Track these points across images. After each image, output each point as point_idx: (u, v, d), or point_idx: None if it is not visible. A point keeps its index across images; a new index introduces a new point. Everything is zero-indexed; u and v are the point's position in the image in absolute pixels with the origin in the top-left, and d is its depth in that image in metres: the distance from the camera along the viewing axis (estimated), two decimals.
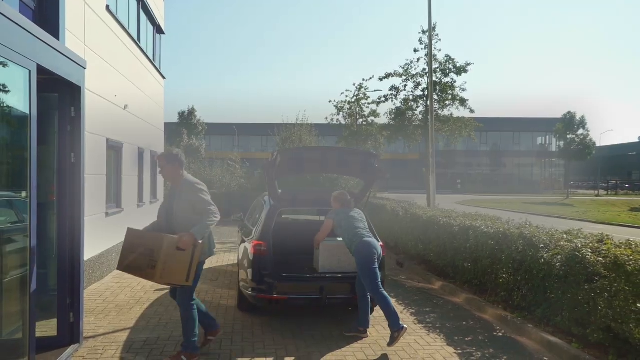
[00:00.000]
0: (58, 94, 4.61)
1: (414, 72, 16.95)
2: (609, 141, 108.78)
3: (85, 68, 4.82)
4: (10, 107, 3.75)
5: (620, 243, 4.85)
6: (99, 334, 5.20)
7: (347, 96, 23.21)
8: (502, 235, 6.36)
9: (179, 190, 4.45)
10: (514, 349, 5.04)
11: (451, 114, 16.93)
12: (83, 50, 6.83)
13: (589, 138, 41.29)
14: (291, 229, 7.43)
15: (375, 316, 5.79)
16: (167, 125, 29.10)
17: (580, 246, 4.94)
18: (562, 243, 5.26)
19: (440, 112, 16.79)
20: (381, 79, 17.54)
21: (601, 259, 4.60)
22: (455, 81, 16.45)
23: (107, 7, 8.09)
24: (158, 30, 12.83)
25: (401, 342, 5.11)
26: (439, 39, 16.30)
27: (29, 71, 3.60)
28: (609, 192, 51.61)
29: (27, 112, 3.66)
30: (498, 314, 6.00)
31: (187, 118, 43.39)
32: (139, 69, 10.51)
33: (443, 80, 16.45)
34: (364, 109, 23.26)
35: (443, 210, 9.54)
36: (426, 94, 16.30)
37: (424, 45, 16.27)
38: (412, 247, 9.45)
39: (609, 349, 4.52)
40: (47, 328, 4.73)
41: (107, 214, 8.11)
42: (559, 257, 5.12)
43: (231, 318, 5.89)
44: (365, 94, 22.69)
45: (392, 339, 4.91)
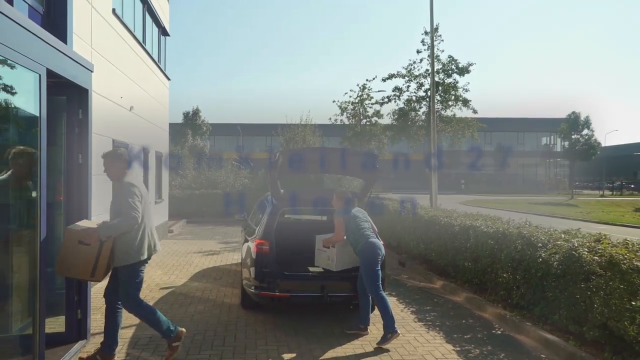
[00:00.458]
0: (66, 97, 4.74)
1: (416, 73, 17.07)
2: (614, 141, 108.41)
3: (92, 71, 4.95)
4: (22, 110, 3.88)
5: (618, 242, 4.94)
6: None
7: (350, 97, 23.35)
8: (502, 234, 6.44)
9: (116, 191, 4.34)
10: (511, 346, 5.12)
11: (454, 115, 17.01)
12: (90, 53, 6.98)
13: (593, 138, 41.17)
14: (293, 228, 7.53)
15: (376, 314, 5.88)
16: (171, 125, 29.22)
17: (577, 245, 5.02)
18: (560, 242, 5.34)
19: (443, 112, 16.88)
20: (384, 79, 17.66)
21: (597, 257, 4.69)
22: (457, 82, 16.57)
23: (114, 10, 8.23)
24: (163, 32, 12.98)
25: (401, 339, 5.22)
26: (442, 40, 16.39)
27: (39, 75, 3.73)
28: (614, 193, 51.36)
29: (37, 114, 3.78)
30: (497, 313, 6.08)
31: (191, 118, 43.68)
32: (144, 71, 10.66)
33: (446, 81, 16.55)
34: (368, 109, 23.39)
35: (444, 210, 9.62)
36: (429, 94, 16.38)
37: (427, 46, 16.37)
38: (414, 247, 9.55)
39: (604, 347, 4.60)
40: (55, 325, 4.86)
41: None
42: (557, 256, 5.20)
43: (234, 316, 6.00)
44: (368, 95, 22.81)
45: (384, 339, 5.04)
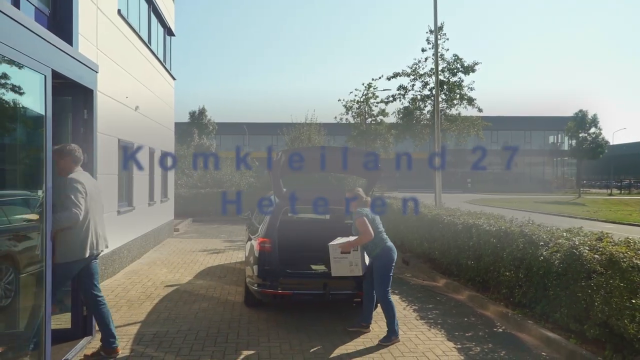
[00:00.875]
0: (71, 97, 4.83)
1: (421, 72, 17.05)
2: (622, 139, 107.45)
3: (97, 72, 5.03)
4: (28, 110, 3.96)
5: (619, 241, 4.94)
6: None
7: (355, 95, 23.37)
8: (504, 233, 6.46)
9: (63, 186, 4.26)
10: (512, 344, 5.15)
11: (459, 113, 16.98)
12: (95, 53, 7.06)
13: (601, 136, 40.84)
14: (296, 226, 7.59)
15: (379, 311, 5.91)
16: (178, 125, 29.39)
17: (577, 244, 5.03)
18: (561, 241, 5.35)
19: (448, 111, 16.87)
20: (389, 78, 17.66)
21: (597, 256, 4.69)
22: (463, 80, 16.54)
23: (119, 11, 8.32)
24: (168, 32, 13.07)
25: (402, 337, 5.26)
26: (447, 39, 16.35)
27: (45, 76, 3.80)
28: (622, 191, 50.96)
29: (43, 114, 3.86)
30: (499, 311, 6.10)
31: (197, 118, 43.90)
32: (149, 71, 10.75)
33: (451, 80, 16.52)
34: (373, 108, 23.39)
35: (447, 208, 9.63)
36: (434, 93, 16.37)
37: (432, 44, 16.31)
38: (418, 246, 9.57)
39: (605, 345, 4.61)
40: (61, 321, 4.96)
41: (118, 212, 8.34)
42: (558, 254, 5.21)
43: (238, 313, 6.07)
44: (374, 94, 22.81)
45: (387, 339, 5.10)
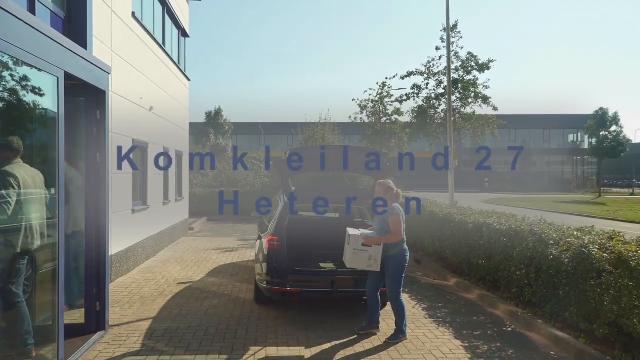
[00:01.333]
0: (84, 98, 4.96)
1: (436, 70, 16.95)
2: None
3: (109, 73, 5.16)
4: (41, 111, 4.09)
5: (631, 240, 4.87)
6: (124, 322, 5.55)
7: (370, 95, 23.37)
8: (514, 232, 6.41)
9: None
10: (521, 343, 5.12)
11: (474, 112, 16.83)
12: (110, 55, 7.22)
13: (622, 135, 40.00)
14: (304, 224, 7.64)
15: (387, 310, 5.94)
16: (194, 125, 29.71)
17: (587, 242, 4.98)
18: (571, 239, 5.29)
19: (462, 110, 16.73)
20: (403, 77, 17.60)
21: (606, 255, 4.64)
22: (477, 79, 16.39)
23: (133, 13, 8.48)
24: (183, 33, 13.25)
25: (410, 334, 5.28)
26: (461, 37, 16.21)
27: (57, 78, 3.92)
28: None
29: (56, 114, 3.98)
30: (509, 310, 6.06)
31: (213, 118, 44.28)
32: (164, 72, 10.92)
33: (465, 78, 16.39)
34: (388, 107, 23.36)
35: (459, 207, 9.58)
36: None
37: (446, 43, 16.23)
38: (430, 245, 9.54)
39: (615, 344, 4.56)
40: (77, 316, 5.10)
41: (133, 211, 8.51)
42: (568, 253, 5.16)
43: (248, 310, 6.15)
44: (389, 93, 22.77)
45: (394, 337, 5.11)
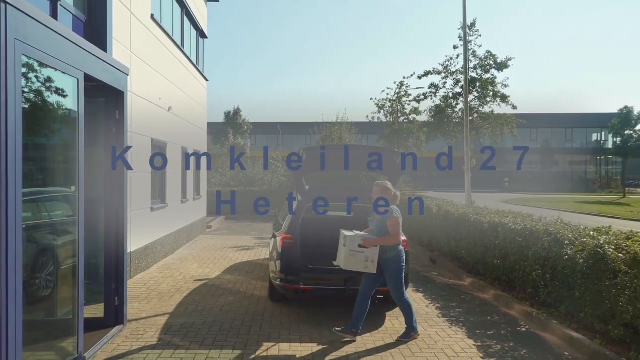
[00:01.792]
0: (104, 99, 5.11)
1: (453, 69, 16.81)
2: None
3: (128, 75, 5.30)
4: (62, 110, 4.25)
5: None
6: (142, 317, 5.70)
7: (387, 94, 23.28)
8: (529, 232, 6.36)
9: None
10: (534, 343, 5.08)
11: (492, 111, 16.64)
12: (129, 57, 7.40)
13: None
14: (318, 223, 7.70)
15: (396, 309, 5.95)
16: (213, 125, 29.97)
17: (602, 242, 4.92)
18: (586, 239, 5.24)
19: (480, 109, 16.55)
20: (420, 77, 17.46)
21: (622, 255, 4.59)
22: (495, 77, 16.19)
23: (152, 16, 8.67)
24: (201, 34, 13.45)
25: (422, 333, 5.29)
26: (479, 35, 16.03)
27: (77, 79, 4.07)
28: None
29: (76, 114, 4.13)
30: (524, 310, 6.02)
31: (232, 118, 44.61)
32: (182, 73, 11.12)
33: (483, 77, 16.22)
34: (405, 106, 23.24)
35: (475, 207, 9.52)
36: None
37: (463, 40, 16.09)
38: (445, 244, 9.51)
39: (631, 345, 4.51)
40: (97, 311, 5.26)
41: (152, 209, 8.70)
42: (583, 253, 5.11)
43: (262, 307, 6.24)
44: (406, 92, 22.65)
45: (405, 336, 5.13)
